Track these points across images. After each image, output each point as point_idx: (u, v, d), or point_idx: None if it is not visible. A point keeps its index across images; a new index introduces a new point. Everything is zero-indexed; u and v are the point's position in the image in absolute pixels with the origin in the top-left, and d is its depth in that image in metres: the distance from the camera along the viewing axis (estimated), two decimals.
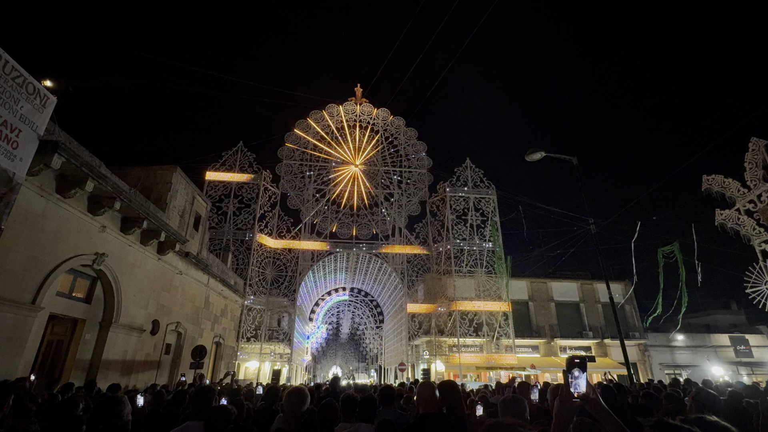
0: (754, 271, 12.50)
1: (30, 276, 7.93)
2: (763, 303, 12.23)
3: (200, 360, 13.04)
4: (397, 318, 29.89)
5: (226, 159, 26.49)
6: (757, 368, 26.03)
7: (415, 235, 27.88)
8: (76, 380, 8.95)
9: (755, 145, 13.00)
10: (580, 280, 29.17)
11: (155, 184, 13.33)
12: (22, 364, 7.79)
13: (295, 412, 2.96)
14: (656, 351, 27.29)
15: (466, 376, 23.18)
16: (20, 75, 6.84)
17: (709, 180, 13.75)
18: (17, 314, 7.62)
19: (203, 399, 3.36)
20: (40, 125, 7.25)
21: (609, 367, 23.23)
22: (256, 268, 24.40)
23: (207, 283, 17.04)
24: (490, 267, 25.52)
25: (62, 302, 9.30)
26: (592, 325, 27.26)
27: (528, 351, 25.97)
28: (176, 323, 14.18)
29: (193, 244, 15.26)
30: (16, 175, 6.75)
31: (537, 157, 11.98)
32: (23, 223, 7.74)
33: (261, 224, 25.54)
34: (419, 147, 30.89)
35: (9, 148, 6.59)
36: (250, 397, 7.02)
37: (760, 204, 12.52)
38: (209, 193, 24.76)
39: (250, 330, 23.32)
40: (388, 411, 3.87)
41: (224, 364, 19.53)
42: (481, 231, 26.38)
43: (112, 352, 10.52)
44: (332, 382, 8.42)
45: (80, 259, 9.31)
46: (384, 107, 31.77)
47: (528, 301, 27.73)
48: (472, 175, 27.68)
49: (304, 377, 39.05)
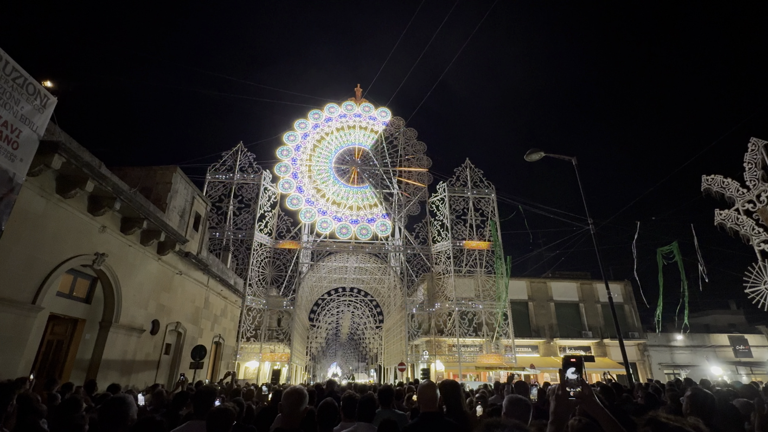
0: (753, 271, 12.49)
1: (30, 276, 7.94)
2: (762, 303, 12.23)
3: (200, 360, 13.05)
4: (397, 318, 29.88)
5: (226, 159, 26.48)
6: (756, 368, 26.06)
7: (415, 235, 27.88)
8: (76, 380, 8.96)
9: (754, 145, 12.99)
10: (580, 280, 29.22)
11: (155, 185, 13.33)
12: (23, 364, 7.80)
13: (294, 412, 2.97)
14: (655, 351, 27.33)
15: (466, 375, 23.19)
16: (21, 75, 6.84)
17: (709, 180, 13.74)
18: (17, 314, 7.63)
19: (204, 399, 3.37)
20: (40, 126, 7.25)
21: (608, 367, 23.26)
22: (255, 268, 24.40)
23: (207, 283, 17.04)
24: (490, 267, 25.54)
25: (62, 302, 9.32)
26: (591, 325, 27.29)
27: (527, 351, 26.00)
28: (176, 323, 14.20)
29: (193, 244, 15.27)
30: (17, 176, 6.76)
31: (536, 158, 11.98)
32: (23, 223, 7.74)
33: (261, 224, 25.55)
34: (419, 147, 30.91)
35: (9, 148, 6.60)
36: (249, 397, 7.04)
37: (759, 204, 12.52)
38: (209, 193, 24.77)
39: (249, 330, 23.32)
40: (388, 411, 3.88)
41: (224, 364, 19.53)
42: (481, 231, 26.39)
43: (112, 352, 10.53)
44: (328, 385, 8.18)
45: (80, 259, 9.32)
46: (384, 107, 31.82)
47: (527, 301, 27.77)
48: (471, 175, 27.68)
49: (303, 377, 39.03)
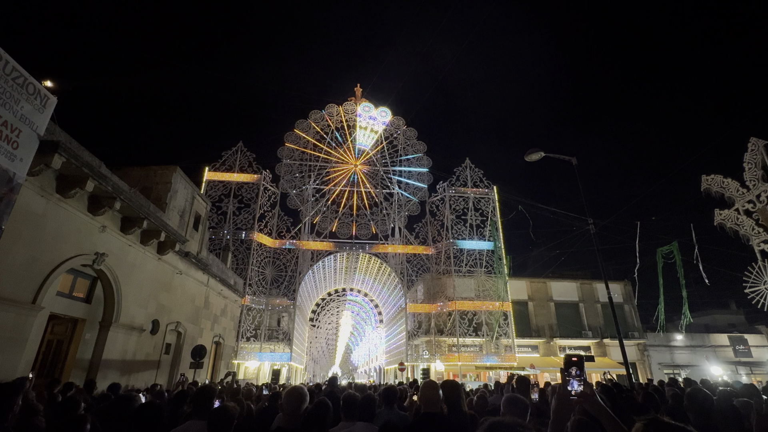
0: (753, 271, 12.50)
1: (30, 276, 7.94)
2: (762, 303, 12.24)
3: (200, 360, 13.05)
4: (397, 318, 29.89)
5: (225, 159, 26.49)
6: (755, 368, 26.07)
7: (415, 234, 27.89)
8: (76, 380, 8.95)
9: (754, 145, 13.01)
10: (580, 280, 29.22)
11: (155, 184, 13.33)
12: (23, 364, 7.80)
13: (294, 412, 2.97)
14: (655, 351, 27.35)
15: (466, 375, 23.20)
16: (20, 75, 6.84)
17: (709, 180, 13.75)
18: (18, 314, 7.63)
19: (204, 399, 3.36)
20: (40, 125, 7.25)
21: (608, 366, 23.26)
22: (255, 268, 24.40)
23: (207, 283, 17.04)
24: (490, 267, 25.54)
25: (62, 302, 9.31)
26: (591, 325, 27.29)
27: (527, 351, 25.99)
28: (176, 323, 14.19)
29: (193, 244, 15.26)
30: (17, 175, 6.76)
31: (536, 158, 11.96)
32: (24, 223, 7.74)
33: (261, 224, 25.56)
34: (419, 147, 30.91)
35: (9, 148, 6.60)
36: (249, 397, 7.05)
37: (759, 204, 12.54)
38: (209, 193, 24.77)
39: (249, 330, 23.33)
40: (390, 411, 3.88)
41: (224, 363, 19.53)
42: (481, 231, 26.39)
43: (112, 352, 10.53)
44: (330, 382, 8.36)
45: (80, 259, 9.31)
46: (384, 107, 31.81)
47: (527, 301, 27.76)
48: (471, 175, 27.69)
49: (303, 377, 39.03)
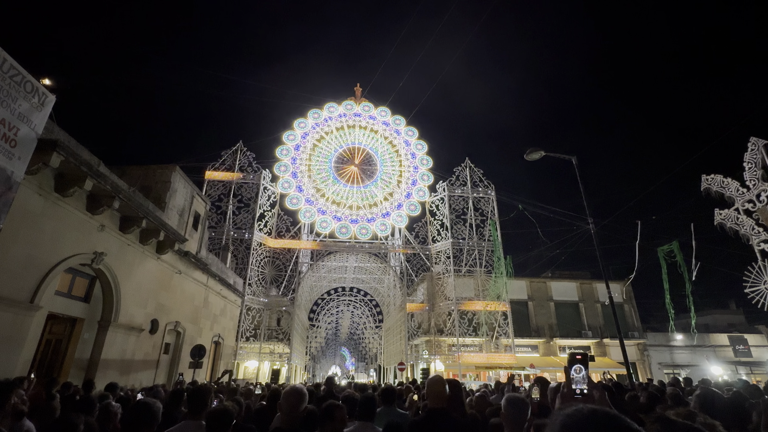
0: (753, 270, 12.49)
1: (28, 275, 7.91)
2: (762, 303, 12.22)
3: (199, 359, 13.02)
4: (397, 317, 29.86)
5: (225, 158, 26.45)
6: (755, 368, 26.07)
7: (415, 234, 27.86)
8: (74, 379, 8.93)
9: (754, 144, 12.99)
10: (579, 279, 29.21)
11: (154, 184, 13.30)
12: (21, 363, 7.77)
13: (293, 412, 2.94)
14: (655, 350, 27.34)
15: (466, 375, 23.18)
16: (19, 73, 6.80)
17: (708, 179, 13.73)
18: (16, 313, 7.60)
19: (199, 399, 3.33)
20: (38, 124, 7.21)
21: (608, 366, 23.25)
22: (255, 267, 24.37)
23: (206, 283, 17.01)
24: (490, 267, 25.52)
25: (61, 301, 9.28)
26: (591, 325, 27.29)
27: (527, 351, 25.98)
28: (175, 323, 14.16)
29: (193, 244, 15.23)
30: (15, 174, 6.72)
31: (536, 157, 11.94)
32: (22, 221, 7.71)
33: (260, 224, 25.52)
34: (419, 146, 30.88)
35: (7, 146, 6.56)
36: (249, 396, 7.01)
37: (759, 204, 12.52)
38: (209, 192, 24.71)
39: (249, 329, 23.29)
40: (390, 410, 3.85)
41: (223, 363, 19.49)
42: (481, 230, 26.38)
43: (110, 352, 10.49)
44: (327, 382, 7.84)
45: (79, 258, 9.28)
46: (383, 107, 31.78)
47: (527, 301, 27.75)
48: (471, 175, 27.67)
49: (303, 377, 39.00)
